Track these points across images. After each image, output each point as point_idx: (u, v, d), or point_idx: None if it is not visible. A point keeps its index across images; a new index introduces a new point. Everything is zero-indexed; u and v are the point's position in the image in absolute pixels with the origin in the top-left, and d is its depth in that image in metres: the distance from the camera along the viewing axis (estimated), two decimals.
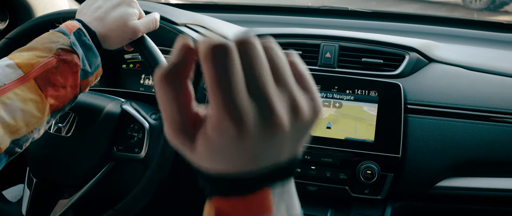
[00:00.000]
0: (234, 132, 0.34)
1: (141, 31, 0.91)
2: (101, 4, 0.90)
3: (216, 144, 0.36)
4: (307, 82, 0.39)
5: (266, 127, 0.35)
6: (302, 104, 0.37)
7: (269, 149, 0.37)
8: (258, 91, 0.35)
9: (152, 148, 1.00)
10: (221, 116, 0.34)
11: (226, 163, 0.37)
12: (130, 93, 1.20)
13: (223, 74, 0.33)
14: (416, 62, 1.18)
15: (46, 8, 1.43)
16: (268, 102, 0.35)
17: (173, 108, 0.37)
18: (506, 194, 1.10)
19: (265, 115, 0.35)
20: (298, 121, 0.37)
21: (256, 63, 0.35)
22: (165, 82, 0.36)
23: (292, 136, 0.37)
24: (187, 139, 0.37)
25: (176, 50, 0.37)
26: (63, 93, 0.80)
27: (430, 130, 1.09)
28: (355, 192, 1.09)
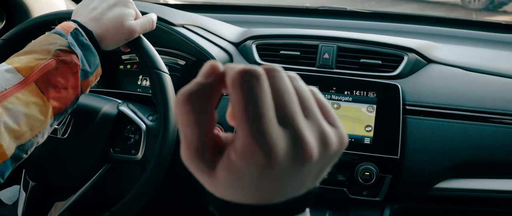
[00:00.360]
0: (263, 161, 0.33)
1: (138, 31, 0.91)
2: (97, 5, 0.90)
3: (241, 172, 0.34)
4: (331, 114, 0.39)
5: (296, 157, 0.34)
6: (331, 135, 0.37)
7: (294, 180, 0.36)
8: (288, 120, 0.34)
9: (149, 150, 1.00)
10: (250, 144, 0.33)
11: (247, 193, 0.36)
12: (128, 94, 1.19)
13: (253, 101, 0.33)
14: (414, 63, 1.18)
15: (43, 8, 1.42)
16: (299, 132, 0.34)
17: (193, 131, 0.35)
18: (505, 195, 1.09)
19: (296, 145, 0.34)
20: (326, 152, 0.36)
21: (285, 92, 0.35)
22: (188, 102, 0.35)
23: (317, 167, 0.37)
24: (206, 165, 0.36)
25: (204, 71, 0.36)
26: (64, 95, 0.80)
27: (429, 131, 1.09)
28: (353, 193, 1.08)
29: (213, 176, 0.36)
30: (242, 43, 1.26)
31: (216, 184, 0.36)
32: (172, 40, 1.22)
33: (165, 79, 0.96)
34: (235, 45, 1.27)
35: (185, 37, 1.17)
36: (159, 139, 0.94)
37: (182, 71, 1.32)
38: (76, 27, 0.84)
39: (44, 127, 0.77)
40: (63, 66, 0.79)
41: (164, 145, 0.93)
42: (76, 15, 0.90)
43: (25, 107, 0.74)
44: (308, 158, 0.35)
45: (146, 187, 0.93)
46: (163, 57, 1.33)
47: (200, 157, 0.35)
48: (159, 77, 0.95)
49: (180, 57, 1.32)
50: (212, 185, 0.37)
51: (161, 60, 0.97)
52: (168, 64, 1.32)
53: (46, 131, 0.79)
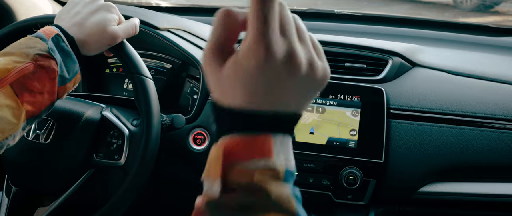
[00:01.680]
0: (262, 56, 0.40)
1: (120, 36, 0.90)
2: (79, 10, 0.89)
3: (242, 65, 0.41)
4: (320, 51, 0.47)
5: (288, 63, 0.41)
6: (318, 63, 0.44)
7: (283, 89, 0.42)
8: (287, 35, 0.42)
9: (131, 155, 0.99)
10: (255, 40, 0.40)
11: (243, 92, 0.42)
12: (113, 98, 1.19)
13: (266, 11, 0.40)
14: (399, 67, 1.18)
15: (29, 11, 1.41)
16: (293, 45, 0.42)
17: (220, 30, 0.44)
18: (489, 199, 1.10)
19: (290, 53, 0.41)
20: (312, 74, 0.43)
21: (288, 17, 0.43)
22: (227, 14, 0.44)
23: (303, 87, 0.44)
24: (220, 59, 0.43)
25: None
26: (40, 99, 0.79)
27: (413, 135, 1.09)
28: (338, 197, 1.09)
29: (220, 73, 0.43)
30: None
31: (219, 80, 0.43)
32: (158, 44, 1.22)
33: (148, 84, 0.95)
34: None
35: (170, 41, 1.17)
36: (141, 144, 0.93)
37: (168, 75, 1.31)
38: (58, 32, 0.83)
39: (15, 130, 0.77)
40: (41, 71, 0.78)
41: (147, 150, 0.93)
42: (58, 20, 0.89)
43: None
44: (297, 68, 0.42)
45: (128, 192, 0.93)
46: (149, 61, 1.33)
47: (217, 51, 0.44)
48: (142, 82, 0.95)
49: (166, 61, 1.32)
50: (216, 81, 0.44)
51: (144, 65, 0.96)
52: (154, 68, 1.32)
53: (18, 134, 0.78)
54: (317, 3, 4.80)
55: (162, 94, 1.23)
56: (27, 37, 0.82)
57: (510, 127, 1.09)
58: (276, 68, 0.41)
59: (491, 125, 1.10)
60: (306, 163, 1.09)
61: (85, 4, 0.90)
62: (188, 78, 1.29)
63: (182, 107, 1.28)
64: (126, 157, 1.00)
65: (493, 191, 1.10)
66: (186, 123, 1.13)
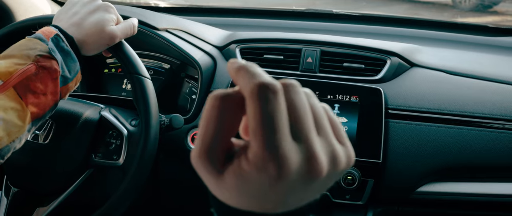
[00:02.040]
0: (274, 173, 0.34)
1: (119, 37, 0.90)
2: (78, 10, 0.90)
3: (251, 181, 0.35)
4: (341, 133, 0.39)
5: (306, 173, 0.35)
6: (341, 154, 0.38)
7: (300, 193, 0.37)
8: (302, 136, 0.35)
9: (130, 155, 0.99)
10: (263, 155, 0.34)
11: (251, 201, 0.37)
12: (112, 98, 1.19)
13: (269, 114, 0.34)
14: (397, 67, 1.18)
15: (28, 12, 1.41)
16: (312, 149, 0.35)
17: (211, 127, 0.36)
18: (488, 199, 1.10)
19: (308, 161, 0.35)
20: (334, 170, 0.37)
21: (301, 108, 0.36)
22: (218, 99, 0.36)
23: (322, 184, 0.38)
24: (213, 167, 0.36)
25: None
26: (43, 100, 0.79)
27: (411, 135, 1.09)
28: (336, 197, 1.09)
29: (220, 180, 0.37)
30: (226, 47, 1.26)
31: (221, 188, 0.37)
32: (156, 44, 1.22)
33: (147, 84, 0.96)
34: (219, 49, 1.27)
35: (168, 41, 1.17)
36: (140, 144, 0.93)
37: (167, 75, 1.32)
38: (57, 32, 0.84)
39: (21, 133, 0.77)
40: (43, 72, 0.79)
41: (145, 150, 0.93)
42: (57, 20, 0.90)
43: (3, 112, 0.74)
44: (318, 175, 0.35)
45: (127, 192, 0.93)
46: (148, 61, 1.33)
47: (210, 156, 0.36)
48: (141, 82, 0.95)
49: (165, 61, 1.32)
50: (218, 188, 0.37)
51: (143, 65, 0.97)
52: (153, 68, 1.32)
53: (24, 137, 0.79)
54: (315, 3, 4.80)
55: (160, 94, 1.23)
56: (26, 39, 0.82)
57: (508, 127, 1.09)
58: (292, 180, 0.35)
59: (489, 125, 1.10)
60: None
61: (83, 4, 0.90)
62: (187, 78, 1.29)
63: (181, 107, 1.29)
64: (125, 157, 1.00)
65: (491, 191, 1.10)
66: (185, 123, 1.13)
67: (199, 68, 1.17)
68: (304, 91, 0.38)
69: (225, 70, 1.20)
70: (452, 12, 5.52)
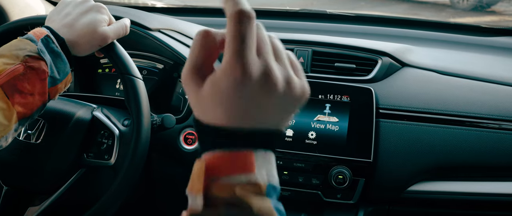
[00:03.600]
0: (239, 76, 0.41)
1: (111, 37, 0.91)
2: (70, 11, 0.90)
3: (220, 84, 0.42)
4: (298, 69, 0.48)
5: (264, 82, 0.43)
6: (295, 80, 0.46)
7: (261, 107, 0.44)
8: (263, 55, 0.44)
9: (121, 155, 1.00)
10: (232, 60, 0.42)
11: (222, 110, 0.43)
12: (105, 98, 1.19)
13: (243, 32, 0.42)
14: (388, 67, 1.19)
15: (22, 12, 1.42)
16: (269, 64, 0.43)
17: (199, 51, 0.45)
18: (478, 198, 1.11)
19: (266, 73, 0.43)
20: (289, 91, 0.45)
21: (264, 39, 0.45)
22: (205, 32, 0.46)
23: (281, 105, 0.45)
24: (198, 79, 0.45)
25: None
26: (30, 101, 0.80)
27: (402, 135, 1.10)
28: (328, 197, 1.09)
29: (200, 92, 0.44)
30: None
31: (199, 100, 0.45)
32: (149, 45, 1.22)
33: (138, 84, 0.96)
34: None
35: (161, 42, 1.18)
36: (131, 144, 0.94)
37: (160, 75, 1.32)
38: (48, 33, 0.84)
39: (7, 132, 0.78)
40: (31, 72, 0.79)
41: (136, 150, 0.94)
42: (49, 21, 0.90)
43: None
44: (274, 87, 0.43)
45: (118, 192, 0.94)
46: (142, 61, 1.33)
47: (196, 71, 0.45)
48: (132, 82, 0.96)
49: (158, 61, 1.33)
50: (197, 101, 0.45)
51: (135, 65, 0.97)
52: (146, 68, 1.33)
53: (10, 136, 0.79)
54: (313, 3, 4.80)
55: (154, 94, 1.24)
56: (17, 39, 0.83)
57: (498, 126, 1.10)
58: (252, 87, 0.42)
59: (480, 124, 1.11)
60: (295, 163, 1.10)
61: (76, 5, 0.91)
62: (180, 78, 1.30)
63: (174, 107, 1.29)
64: (116, 157, 1.01)
65: (482, 190, 1.10)
66: (177, 123, 1.14)
67: None
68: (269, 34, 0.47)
69: None
70: (450, 12, 5.52)
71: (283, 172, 1.10)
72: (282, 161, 1.10)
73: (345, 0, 5.62)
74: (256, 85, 0.42)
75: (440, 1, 6.27)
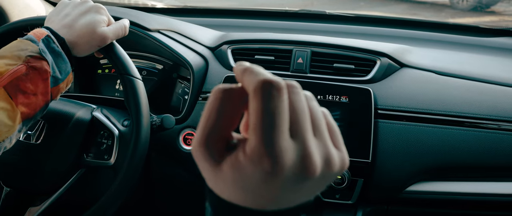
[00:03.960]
0: (268, 167, 0.35)
1: (110, 38, 0.91)
2: (69, 12, 0.91)
3: (246, 174, 0.36)
4: (338, 138, 0.41)
5: (299, 171, 0.36)
6: (335, 157, 0.39)
7: (293, 192, 0.38)
8: (299, 135, 0.36)
9: (121, 155, 1.00)
10: (260, 150, 0.35)
11: (246, 195, 0.37)
12: (105, 98, 1.20)
13: (270, 111, 0.35)
14: (387, 67, 1.19)
15: (22, 13, 1.42)
16: (307, 148, 0.36)
17: (214, 121, 0.38)
18: (477, 198, 1.11)
19: (302, 160, 0.36)
20: (328, 171, 0.38)
21: (300, 109, 0.37)
22: (221, 92, 0.38)
23: (315, 185, 0.39)
24: (211, 157, 0.38)
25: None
26: (34, 101, 0.80)
27: (401, 135, 1.10)
28: (326, 197, 1.10)
29: (217, 170, 0.38)
30: (217, 48, 1.27)
31: (218, 180, 0.38)
32: (148, 45, 1.23)
33: (138, 85, 0.97)
34: (211, 50, 1.28)
35: (160, 42, 1.18)
36: (130, 144, 0.94)
37: (159, 75, 1.33)
38: (48, 34, 0.85)
39: (11, 133, 0.78)
40: (33, 72, 0.80)
41: (136, 151, 0.94)
42: (48, 22, 0.91)
43: None
44: (311, 174, 0.36)
45: (117, 193, 0.94)
46: (141, 61, 1.34)
47: (209, 146, 0.38)
48: (132, 83, 0.96)
49: (158, 62, 1.33)
50: (214, 179, 0.39)
51: (134, 66, 0.98)
52: (146, 69, 1.33)
53: (14, 137, 0.80)
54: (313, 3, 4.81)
55: (154, 95, 1.25)
56: (18, 40, 0.83)
57: (495, 126, 1.10)
58: (286, 177, 0.36)
59: (478, 125, 1.11)
60: None
61: (75, 6, 0.92)
62: (179, 78, 1.30)
63: (174, 107, 1.29)
64: (116, 157, 1.01)
65: (480, 190, 1.11)
66: (177, 124, 1.14)
67: (191, 69, 1.18)
68: (305, 94, 0.39)
69: (217, 70, 1.21)
70: (449, 12, 5.53)
71: None
72: None
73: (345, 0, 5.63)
74: (290, 174, 0.36)
75: (439, 1, 6.28)
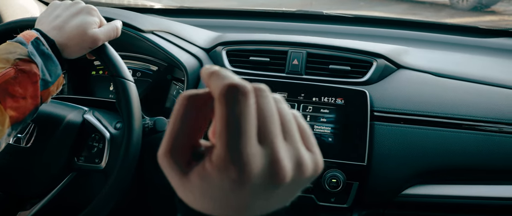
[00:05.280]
0: (235, 176, 0.33)
1: (101, 39, 0.90)
2: (60, 13, 0.89)
3: (213, 183, 0.35)
4: (310, 139, 0.39)
5: (269, 178, 0.35)
6: (307, 161, 0.37)
7: (264, 199, 0.36)
8: (268, 141, 0.35)
9: (112, 159, 0.99)
10: (226, 157, 0.33)
11: (215, 204, 0.36)
12: (100, 101, 1.18)
13: (236, 117, 0.33)
14: (383, 69, 1.18)
15: (16, 14, 1.41)
16: (276, 154, 0.35)
17: (179, 129, 0.36)
18: (473, 201, 1.09)
19: (271, 166, 0.34)
20: (300, 175, 0.36)
21: (268, 113, 0.35)
22: (186, 99, 0.37)
23: (290, 190, 0.37)
24: (178, 166, 0.36)
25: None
26: (23, 104, 0.79)
27: (397, 138, 1.09)
28: (321, 200, 1.08)
29: (185, 180, 0.36)
30: (212, 49, 1.26)
31: (186, 189, 0.37)
32: (142, 47, 1.21)
33: (130, 87, 0.95)
34: (206, 51, 1.26)
35: (154, 44, 1.17)
36: (122, 147, 0.93)
37: (154, 77, 1.31)
38: (38, 36, 0.84)
39: (0, 137, 0.77)
40: (22, 75, 0.79)
41: (127, 154, 0.93)
42: (39, 23, 0.90)
43: None
44: (281, 180, 0.35)
45: (108, 197, 0.93)
46: (136, 63, 1.32)
47: (175, 155, 0.36)
48: (123, 85, 0.95)
49: (152, 63, 1.32)
50: (182, 189, 0.37)
51: (126, 68, 0.96)
52: (140, 70, 1.32)
53: (3, 141, 0.79)
54: (312, 3, 4.80)
55: (148, 97, 1.23)
56: (7, 43, 0.82)
57: (495, 129, 1.09)
58: (255, 185, 0.34)
59: (476, 127, 1.09)
60: None
61: (66, 7, 0.90)
62: (174, 80, 1.29)
63: (168, 109, 1.28)
64: (107, 161, 1.00)
65: (477, 194, 1.09)
66: None
67: (185, 70, 1.16)
68: (273, 96, 0.37)
69: None
70: (449, 12, 5.52)
71: None
72: None
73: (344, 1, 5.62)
74: (258, 181, 0.34)
75: (439, 1, 6.27)
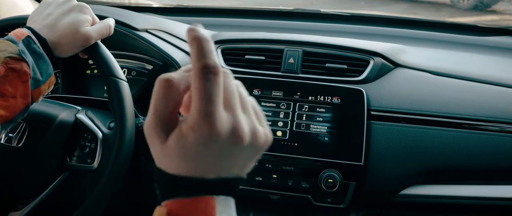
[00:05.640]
0: (207, 132, 0.42)
1: (94, 38, 0.89)
2: (52, 11, 0.88)
3: (188, 141, 0.42)
4: (262, 117, 0.49)
5: (231, 137, 0.43)
6: (260, 131, 0.46)
7: (227, 159, 0.45)
8: (231, 109, 0.44)
9: (104, 159, 0.98)
10: (200, 118, 0.42)
11: (190, 164, 0.44)
12: (93, 100, 1.17)
13: (209, 89, 0.42)
14: (381, 67, 1.16)
15: (10, 12, 1.40)
16: (237, 120, 0.44)
17: (161, 103, 0.44)
18: (472, 201, 1.08)
19: (233, 128, 0.43)
20: (255, 142, 0.46)
21: (232, 90, 0.45)
22: (167, 81, 0.45)
23: (245, 155, 0.46)
24: (161, 134, 0.44)
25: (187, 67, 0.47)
26: (13, 103, 0.78)
27: (394, 137, 1.07)
28: (318, 200, 1.07)
29: (164, 145, 0.44)
30: None
31: (165, 154, 0.44)
32: (136, 45, 1.20)
33: (122, 86, 0.94)
34: None
35: (148, 42, 1.16)
36: (114, 147, 0.92)
37: (149, 76, 1.30)
38: (29, 34, 0.82)
39: None
40: (12, 74, 0.77)
41: (120, 154, 0.91)
42: (30, 21, 0.88)
43: None
44: (241, 140, 0.44)
45: (101, 197, 0.91)
46: (131, 62, 1.31)
47: (160, 125, 0.44)
48: (116, 84, 0.93)
49: (147, 62, 1.30)
50: (161, 155, 0.45)
51: (119, 67, 0.95)
52: (136, 69, 1.30)
53: None
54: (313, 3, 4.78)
55: (143, 96, 1.22)
56: None
57: (493, 128, 1.08)
58: (220, 142, 0.43)
59: (474, 126, 1.08)
60: (285, 166, 1.07)
61: (58, 5, 0.89)
62: None
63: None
64: (99, 161, 0.98)
65: (475, 194, 1.08)
66: None
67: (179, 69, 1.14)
68: (235, 82, 0.47)
69: None
70: (450, 11, 5.50)
71: (272, 176, 1.08)
72: (271, 164, 1.08)
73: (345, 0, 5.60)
74: (224, 140, 0.43)
75: (440, 0, 6.25)
